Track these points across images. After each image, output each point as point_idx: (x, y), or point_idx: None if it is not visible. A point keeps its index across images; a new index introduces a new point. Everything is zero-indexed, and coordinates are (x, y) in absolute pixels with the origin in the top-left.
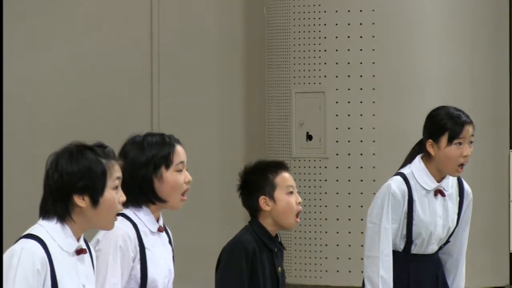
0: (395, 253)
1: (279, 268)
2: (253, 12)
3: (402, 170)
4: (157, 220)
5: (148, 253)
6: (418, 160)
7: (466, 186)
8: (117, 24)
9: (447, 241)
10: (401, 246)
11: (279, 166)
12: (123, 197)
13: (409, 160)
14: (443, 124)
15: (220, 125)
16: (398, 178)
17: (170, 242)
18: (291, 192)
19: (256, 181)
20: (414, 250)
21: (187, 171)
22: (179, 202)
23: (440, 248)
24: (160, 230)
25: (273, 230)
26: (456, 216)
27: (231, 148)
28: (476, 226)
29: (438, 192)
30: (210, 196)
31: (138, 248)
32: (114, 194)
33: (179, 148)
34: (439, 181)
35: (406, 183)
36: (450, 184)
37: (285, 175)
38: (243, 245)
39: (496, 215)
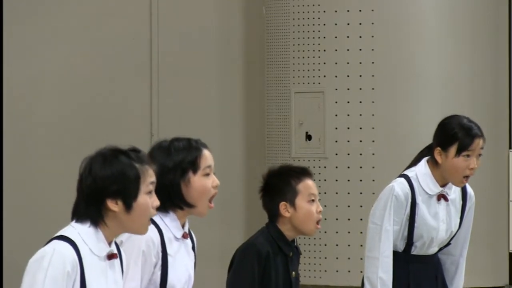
0: (395, 253)
1: (293, 273)
2: (253, 12)
3: (406, 172)
4: (183, 226)
5: (170, 260)
6: (424, 164)
7: (469, 190)
8: (116, 24)
9: (448, 243)
10: (401, 247)
11: (303, 173)
12: (156, 202)
13: (415, 162)
14: (454, 134)
15: (219, 125)
16: (402, 180)
17: (193, 248)
18: (313, 200)
19: (278, 185)
20: (414, 251)
21: (215, 175)
22: (206, 208)
23: (440, 249)
24: (184, 236)
25: (291, 235)
26: (458, 220)
27: (231, 148)
28: (475, 226)
29: (441, 196)
30: None
31: (160, 254)
32: (147, 199)
33: (206, 152)
34: (442, 186)
35: (410, 186)
36: (453, 189)
37: (309, 182)
38: (257, 248)
39: (496, 215)
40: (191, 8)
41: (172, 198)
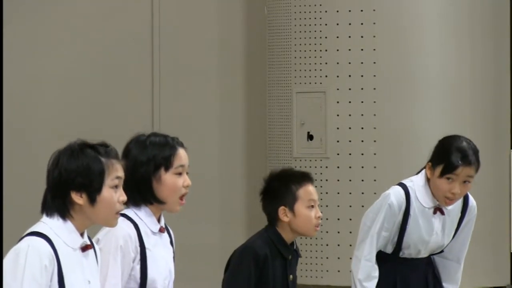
0: (383, 254)
1: (291, 276)
2: (254, 12)
3: (405, 181)
4: (158, 221)
5: (148, 254)
6: (421, 177)
7: (471, 202)
8: (118, 23)
9: (441, 251)
10: (389, 250)
11: (304, 178)
12: (123, 197)
13: (419, 171)
14: (445, 155)
15: (221, 125)
16: (399, 189)
17: (171, 242)
18: (312, 206)
19: (278, 190)
20: (403, 256)
21: (188, 175)
22: (176, 205)
23: (432, 254)
24: (161, 230)
25: (290, 238)
26: (453, 232)
27: (232, 148)
28: (476, 226)
29: (438, 210)
30: (211, 196)
31: (138, 249)
32: (112, 193)
33: (181, 151)
34: None
35: (406, 195)
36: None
37: (309, 188)
38: (255, 250)
39: (497, 215)
40: (192, 8)
41: (142, 192)
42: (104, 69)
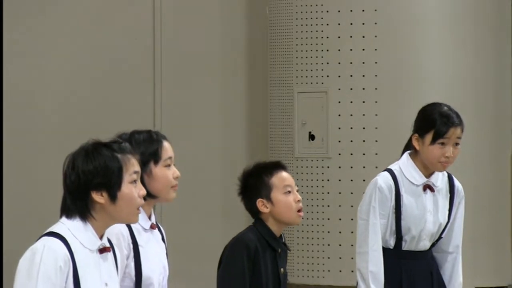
0: (386, 250)
1: (282, 269)
2: (256, 12)
3: (390, 166)
4: (149, 217)
5: (141, 250)
6: (406, 157)
7: (456, 183)
8: (119, 23)
9: (440, 237)
10: (391, 243)
11: (275, 167)
12: (143, 191)
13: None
14: (431, 122)
15: (222, 125)
16: (385, 173)
17: (163, 239)
18: (289, 192)
19: (253, 184)
20: (405, 246)
21: (175, 167)
22: (171, 194)
23: (433, 244)
24: (152, 227)
25: (277, 230)
26: (447, 212)
27: (234, 148)
28: (478, 225)
29: (427, 187)
30: (212, 195)
31: (131, 246)
32: (132, 188)
33: (166, 144)
34: (427, 176)
35: (393, 178)
36: (439, 179)
37: (282, 174)
38: (245, 243)
39: (498, 215)
40: (194, 8)
41: None
42: (106, 70)
